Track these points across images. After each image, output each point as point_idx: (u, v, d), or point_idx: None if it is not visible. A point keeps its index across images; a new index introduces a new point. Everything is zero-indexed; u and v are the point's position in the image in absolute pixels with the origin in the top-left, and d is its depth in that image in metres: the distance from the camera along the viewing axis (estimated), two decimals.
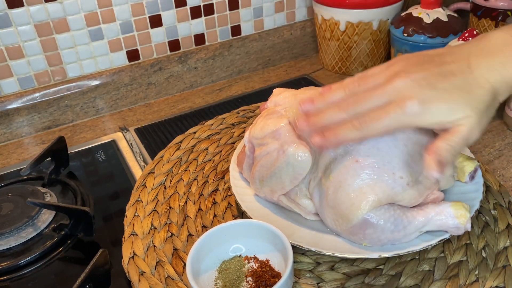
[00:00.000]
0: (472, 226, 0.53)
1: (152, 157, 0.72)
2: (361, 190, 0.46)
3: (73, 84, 0.82)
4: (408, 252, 0.47)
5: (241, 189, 0.57)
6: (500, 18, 0.81)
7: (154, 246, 0.54)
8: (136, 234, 0.56)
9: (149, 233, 0.56)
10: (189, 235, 0.56)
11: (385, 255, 0.47)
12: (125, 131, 0.81)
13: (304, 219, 0.53)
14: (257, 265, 0.49)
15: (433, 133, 0.49)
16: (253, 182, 0.54)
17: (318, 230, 0.51)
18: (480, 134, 0.42)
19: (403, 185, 0.47)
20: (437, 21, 0.78)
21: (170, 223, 0.57)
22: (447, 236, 0.48)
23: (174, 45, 0.89)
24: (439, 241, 0.48)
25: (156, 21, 0.85)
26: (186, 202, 0.60)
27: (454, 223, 0.47)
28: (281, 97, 0.56)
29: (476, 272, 0.48)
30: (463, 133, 0.41)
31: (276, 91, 0.59)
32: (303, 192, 0.52)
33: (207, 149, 0.71)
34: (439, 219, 0.47)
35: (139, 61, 0.87)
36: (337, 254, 0.47)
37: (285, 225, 0.52)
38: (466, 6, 0.87)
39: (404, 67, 0.43)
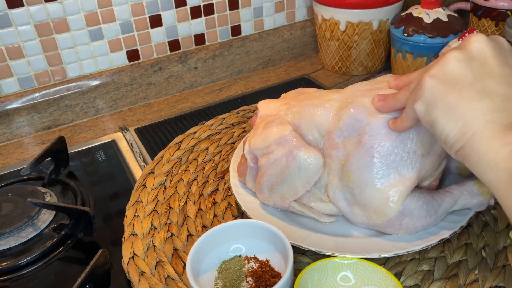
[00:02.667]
0: (471, 226, 0.53)
1: (152, 157, 0.72)
2: (390, 183, 0.46)
3: (73, 84, 0.82)
4: (408, 252, 0.47)
5: (241, 189, 0.57)
6: (500, 18, 0.81)
7: (154, 246, 0.54)
8: (136, 234, 0.56)
9: (149, 233, 0.56)
10: (189, 235, 0.56)
11: (385, 255, 0.47)
12: (125, 131, 0.81)
13: (306, 219, 0.53)
14: (257, 265, 0.49)
15: None
16: (260, 191, 0.54)
17: (318, 230, 0.51)
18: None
19: (420, 160, 0.47)
20: (437, 21, 0.78)
21: (170, 223, 0.57)
22: (447, 236, 0.48)
23: (174, 45, 0.89)
24: (439, 241, 0.48)
25: (156, 21, 0.85)
26: (186, 202, 0.60)
27: (478, 200, 0.48)
28: (270, 107, 0.56)
29: (476, 272, 0.48)
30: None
31: (261, 103, 0.58)
32: (317, 196, 0.52)
33: (207, 149, 0.71)
34: (464, 198, 0.49)
35: (139, 61, 0.87)
36: (337, 254, 0.47)
37: (285, 225, 0.52)
38: (466, 6, 0.87)
39: None
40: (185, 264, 0.50)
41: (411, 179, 0.46)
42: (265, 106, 0.57)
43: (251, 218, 0.52)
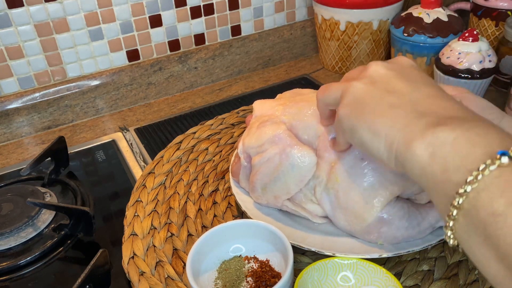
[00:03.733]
0: None
1: (152, 157, 0.72)
2: (373, 187, 0.46)
3: (73, 84, 0.82)
4: (408, 252, 0.47)
5: (241, 189, 0.57)
6: (500, 18, 0.81)
7: (154, 246, 0.54)
8: (136, 234, 0.56)
9: (149, 233, 0.56)
10: (189, 235, 0.56)
11: (385, 255, 0.47)
12: (125, 131, 0.81)
13: (305, 220, 0.53)
14: (257, 265, 0.49)
15: None
16: (253, 190, 0.54)
17: (318, 230, 0.51)
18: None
19: None
20: (437, 21, 0.78)
21: (170, 223, 0.57)
22: None
23: (174, 45, 0.89)
24: (439, 241, 0.48)
25: (156, 21, 0.85)
26: (186, 202, 0.60)
27: None
28: (266, 107, 0.56)
29: (476, 272, 0.48)
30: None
31: (256, 103, 0.58)
32: (308, 197, 0.52)
33: (207, 149, 0.71)
34: None
35: (139, 61, 0.87)
36: (337, 254, 0.47)
37: (285, 225, 0.52)
38: (466, 6, 0.87)
39: None
40: (185, 264, 0.50)
41: (395, 186, 0.46)
42: (260, 106, 0.57)
43: (251, 218, 0.52)
